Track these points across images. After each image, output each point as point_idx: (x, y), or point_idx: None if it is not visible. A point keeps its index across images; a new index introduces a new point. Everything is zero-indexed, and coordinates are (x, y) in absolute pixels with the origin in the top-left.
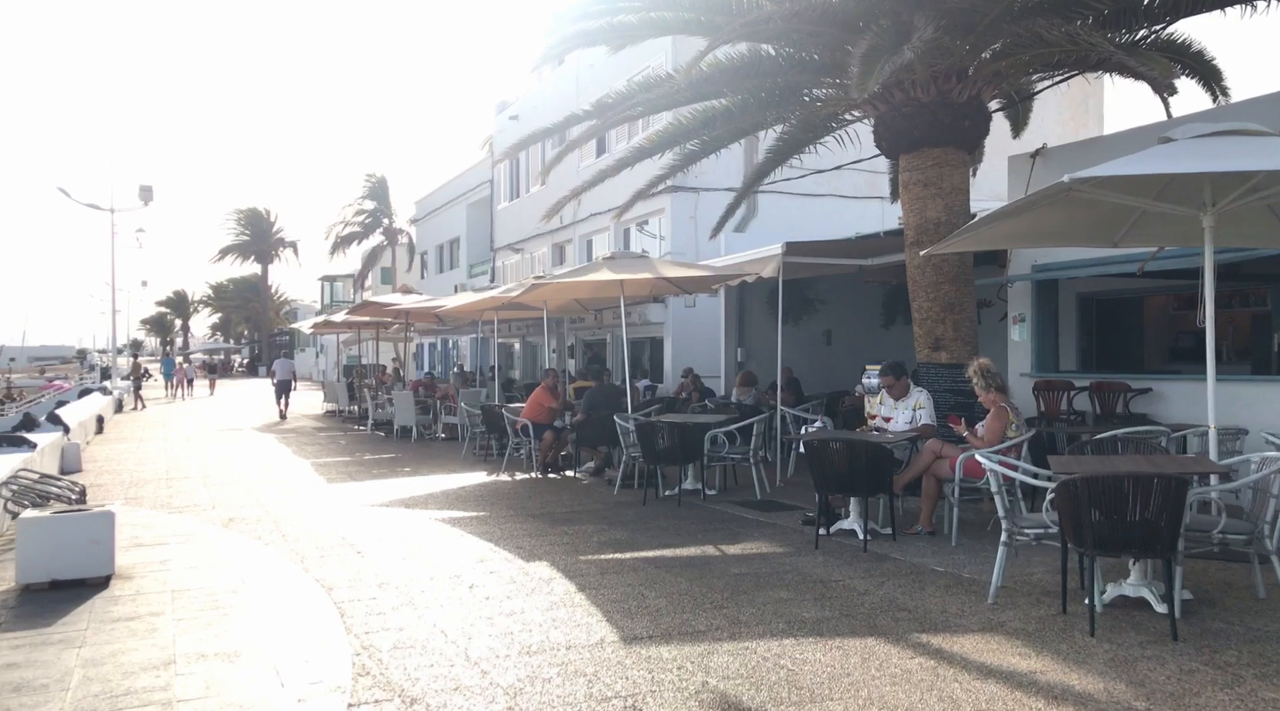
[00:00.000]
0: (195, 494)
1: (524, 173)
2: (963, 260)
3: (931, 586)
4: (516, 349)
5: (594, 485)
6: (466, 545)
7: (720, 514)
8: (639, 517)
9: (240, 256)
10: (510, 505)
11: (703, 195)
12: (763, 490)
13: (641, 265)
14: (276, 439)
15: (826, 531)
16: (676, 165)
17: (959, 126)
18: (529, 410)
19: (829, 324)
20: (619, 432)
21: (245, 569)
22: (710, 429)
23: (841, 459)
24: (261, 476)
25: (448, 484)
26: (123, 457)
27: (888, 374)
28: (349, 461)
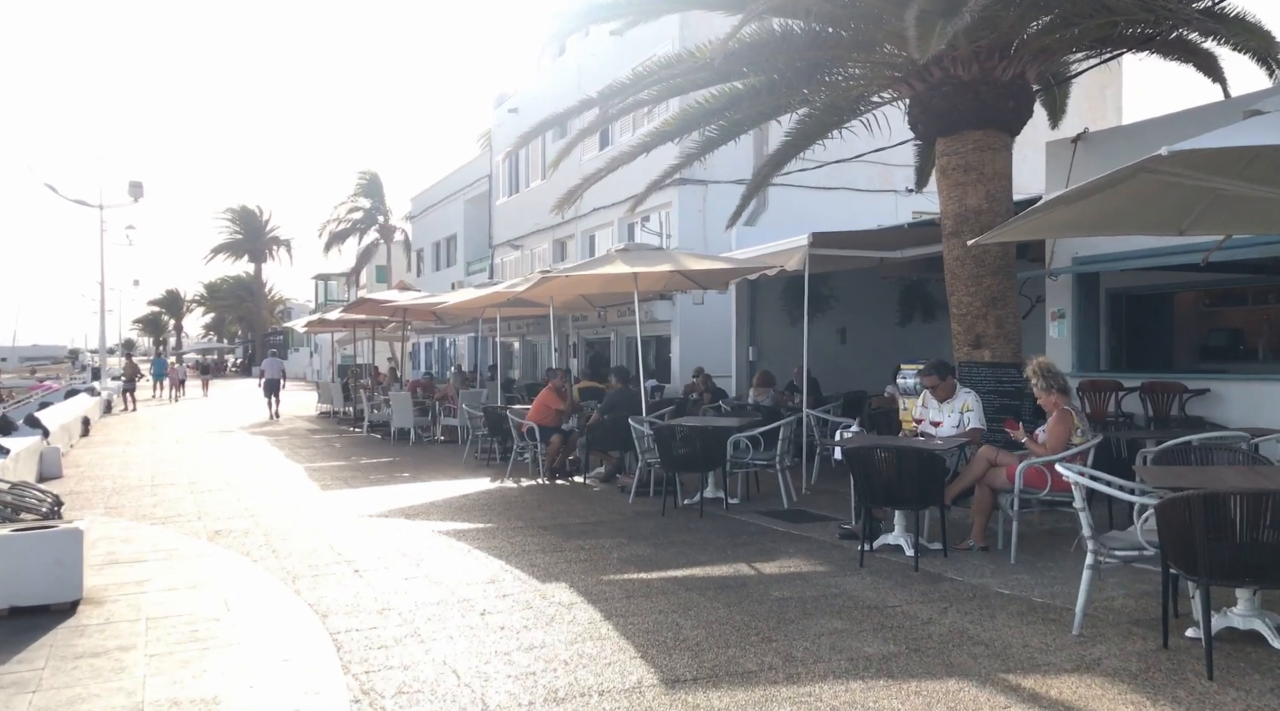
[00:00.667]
0: (181, 502)
1: (523, 167)
2: (1005, 251)
3: (1002, 613)
4: (516, 348)
5: (606, 493)
6: (474, 562)
7: (747, 526)
8: (659, 530)
9: (233, 255)
10: (519, 515)
11: (711, 188)
12: (789, 499)
13: (658, 257)
14: (269, 441)
15: (869, 547)
16: (693, 153)
17: (1002, 107)
18: (535, 412)
19: (843, 321)
20: (634, 438)
21: (230, 591)
22: (733, 433)
23: (889, 468)
24: (252, 482)
25: (450, 491)
26: (106, 462)
27: (931, 373)
28: (344, 466)
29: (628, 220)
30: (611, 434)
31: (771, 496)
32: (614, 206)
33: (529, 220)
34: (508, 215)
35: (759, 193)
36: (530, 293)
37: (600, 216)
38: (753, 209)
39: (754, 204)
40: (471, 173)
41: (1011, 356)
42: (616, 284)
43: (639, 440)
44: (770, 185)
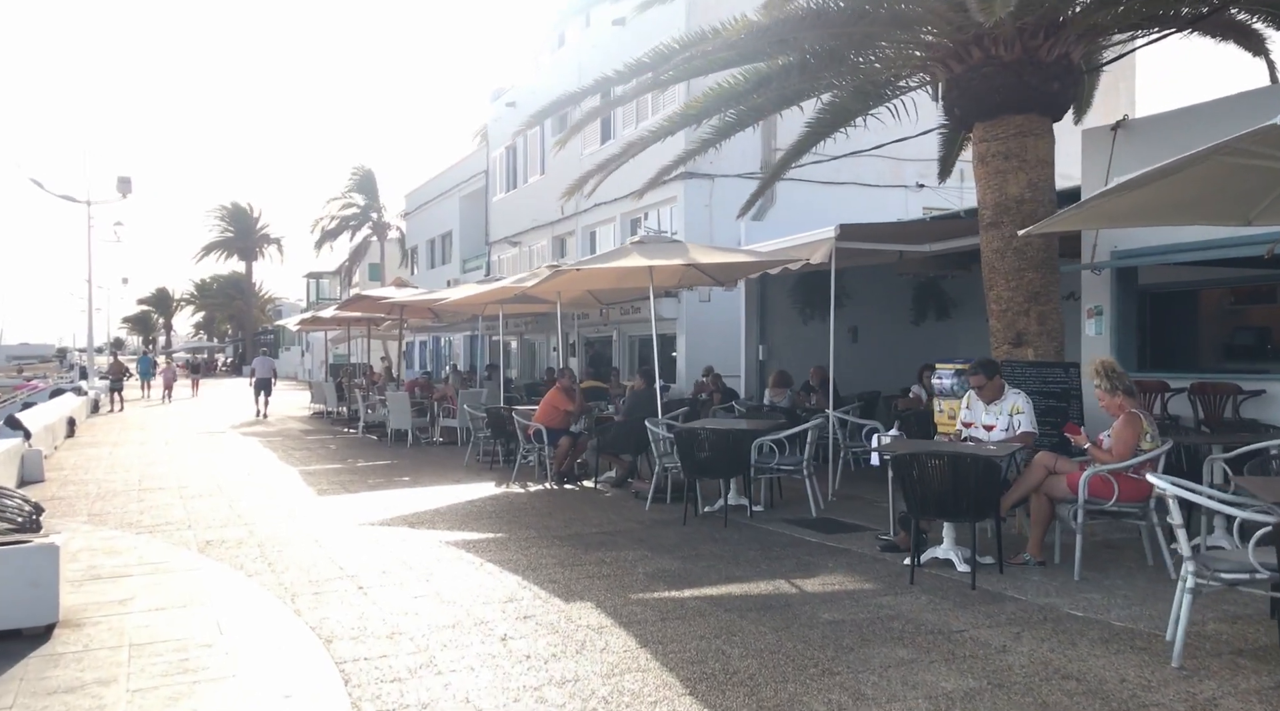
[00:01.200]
0: (169, 509)
1: (521, 163)
2: (1048, 244)
3: (1083, 640)
4: (514, 347)
5: (619, 499)
6: (488, 578)
7: (777, 536)
8: (683, 540)
9: (224, 253)
10: (530, 524)
11: (718, 182)
12: (817, 507)
13: (675, 250)
14: (261, 443)
15: (916, 561)
16: (710, 138)
17: (1046, 89)
18: (542, 414)
19: (855, 319)
20: (651, 441)
21: (224, 611)
22: (758, 437)
23: (942, 476)
24: (244, 487)
25: (453, 496)
26: (92, 465)
27: (978, 372)
28: (341, 469)
29: (631, 215)
30: (626, 437)
31: (797, 503)
32: (616, 201)
33: (527, 216)
34: (505, 211)
35: (772, 184)
36: (540, 287)
37: (602, 212)
38: (760, 204)
39: (762, 198)
40: (468, 168)
41: (1054, 355)
42: (629, 278)
43: (656, 444)
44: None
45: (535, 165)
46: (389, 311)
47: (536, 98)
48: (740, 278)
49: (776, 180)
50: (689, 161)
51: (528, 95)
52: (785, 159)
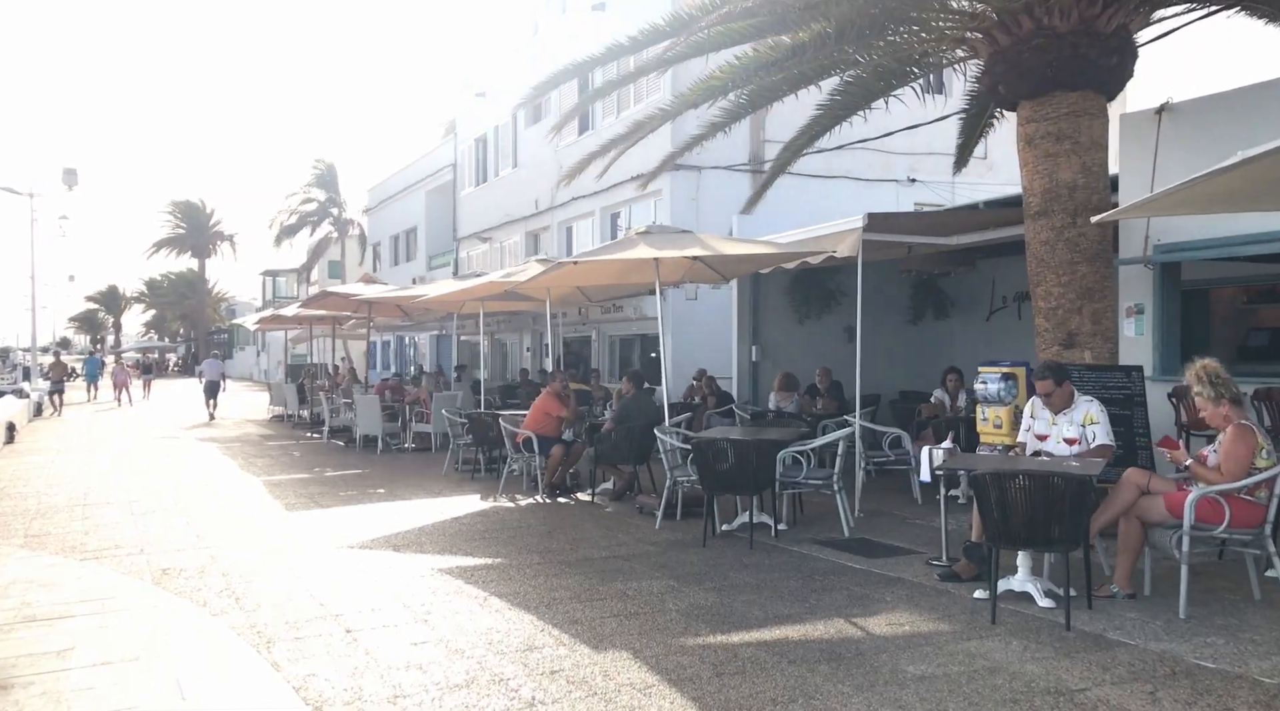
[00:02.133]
0: (118, 528)
1: (492, 155)
2: (1103, 235)
3: (1238, 703)
4: (484, 347)
5: (622, 514)
6: (497, 617)
7: (812, 561)
8: (708, 566)
9: (176, 250)
10: (530, 546)
11: (705, 174)
12: (849, 526)
13: (685, 241)
14: (219, 450)
15: (989, 595)
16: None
17: (1104, 64)
18: (532, 420)
19: (850, 319)
20: (664, 452)
21: (186, 664)
22: (784, 448)
23: (1030, 500)
24: (204, 501)
25: (437, 512)
26: (31, 475)
27: (1047, 377)
28: (308, 479)
29: (611, 209)
30: (625, 446)
31: (821, 521)
32: (595, 195)
33: (499, 211)
34: (475, 206)
35: (781, 172)
36: (537, 282)
37: (580, 206)
38: (749, 197)
39: (749, 191)
40: (434, 162)
41: (1109, 357)
42: (631, 273)
43: (668, 455)
44: (764, 172)
45: (507, 158)
46: (356, 309)
47: (508, 89)
48: (753, 271)
49: (785, 169)
50: (708, 138)
51: (498, 87)
52: (796, 145)
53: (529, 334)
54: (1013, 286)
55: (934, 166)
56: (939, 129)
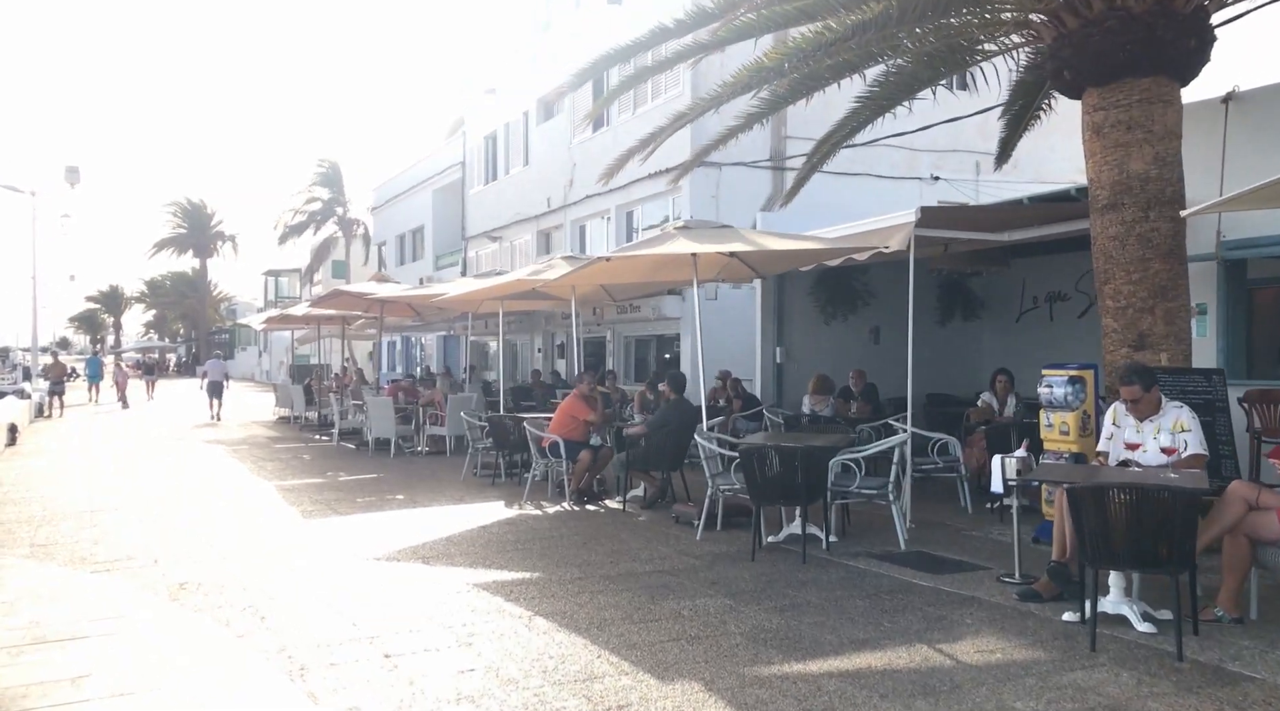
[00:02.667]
0: (128, 536)
1: (502, 153)
2: (1176, 230)
3: None
4: (493, 348)
5: (657, 524)
6: (546, 641)
7: (874, 577)
8: (762, 583)
9: (177, 250)
10: (566, 558)
11: (725, 171)
12: (904, 538)
13: (727, 236)
14: (228, 452)
15: (1082, 617)
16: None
17: (1181, 46)
18: (559, 424)
19: (877, 319)
20: (705, 459)
21: (213, 695)
22: (836, 455)
23: (1132, 516)
24: (216, 508)
25: (462, 520)
26: (35, 480)
27: (1134, 381)
28: (323, 484)
29: (626, 208)
30: (659, 452)
31: (871, 532)
32: (610, 193)
33: (509, 209)
34: (483, 205)
35: (819, 166)
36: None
37: (594, 204)
38: (770, 195)
39: (770, 189)
40: (442, 160)
41: (1183, 360)
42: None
43: (709, 462)
44: (786, 169)
45: (518, 155)
46: (367, 309)
47: (519, 85)
48: (794, 268)
49: (824, 163)
50: (745, 129)
51: (508, 82)
52: (837, 137)
53: (540, 334)
54: (1044, 287)
55: (957, 164)
56: (961, 126)
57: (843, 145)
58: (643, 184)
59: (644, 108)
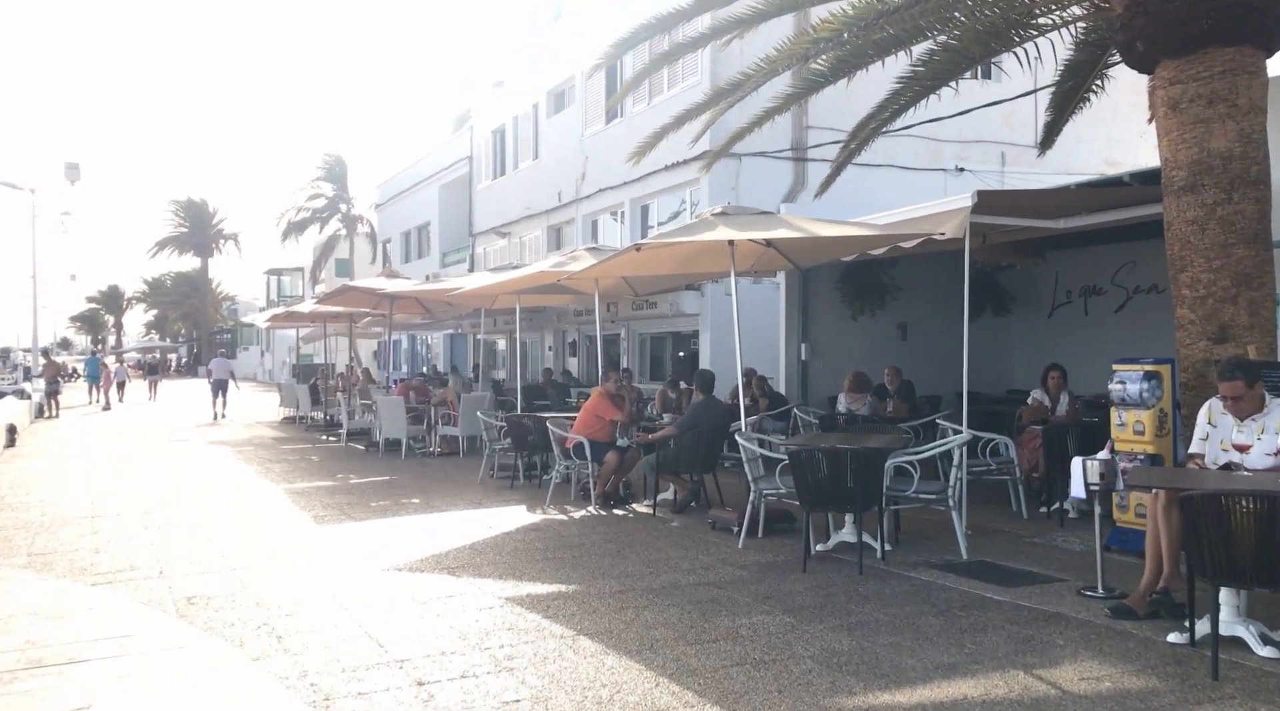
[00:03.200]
0: (132, 545)
1: (511, 147)
2: (1262, 213)
3: None
4: (502, 346)
5: (692, 529)
6: (595, 665)
7: (942, 591)
8: (821, 597)
9: (178, 249)
10: (602, 568)
11: (745, 162)
12: (966, 547)
13: (770, 223)
14: (233, 454)
15: (1190, 641)
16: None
17: (1271, 13)
18: (583, 424)
19: (905, 315)
20: (747, 462)
21: None
22: (891, 457)
23: (1267, 527)
24: (224, 512)
25: (483, 525)
26: (34, 483)
27: (1236, 376)
28: (333, 487)
29: (642, 201)
30: (691, 454)
31: (925, 540)
32: (624, 186)
33: (518, 205)
34: (492, 200)
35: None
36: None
37: (606, 198)
38: (791, 186)
39: (791, 180)
40: (448, 155)
41: (1269, 353)
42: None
43: (751, 465)
44: (807, 159)
45: (527, 149)
46: (376, 305)
47: (527, 76)
48: (837, 257)
49: (863, 148)
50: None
51: (517, 74)
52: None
53: (551, 332)
54: (1078, 281)
55: (982, 155)
56: (987, 116)
57: (881, 131)
58: (659, 176)
59: (659, 98)
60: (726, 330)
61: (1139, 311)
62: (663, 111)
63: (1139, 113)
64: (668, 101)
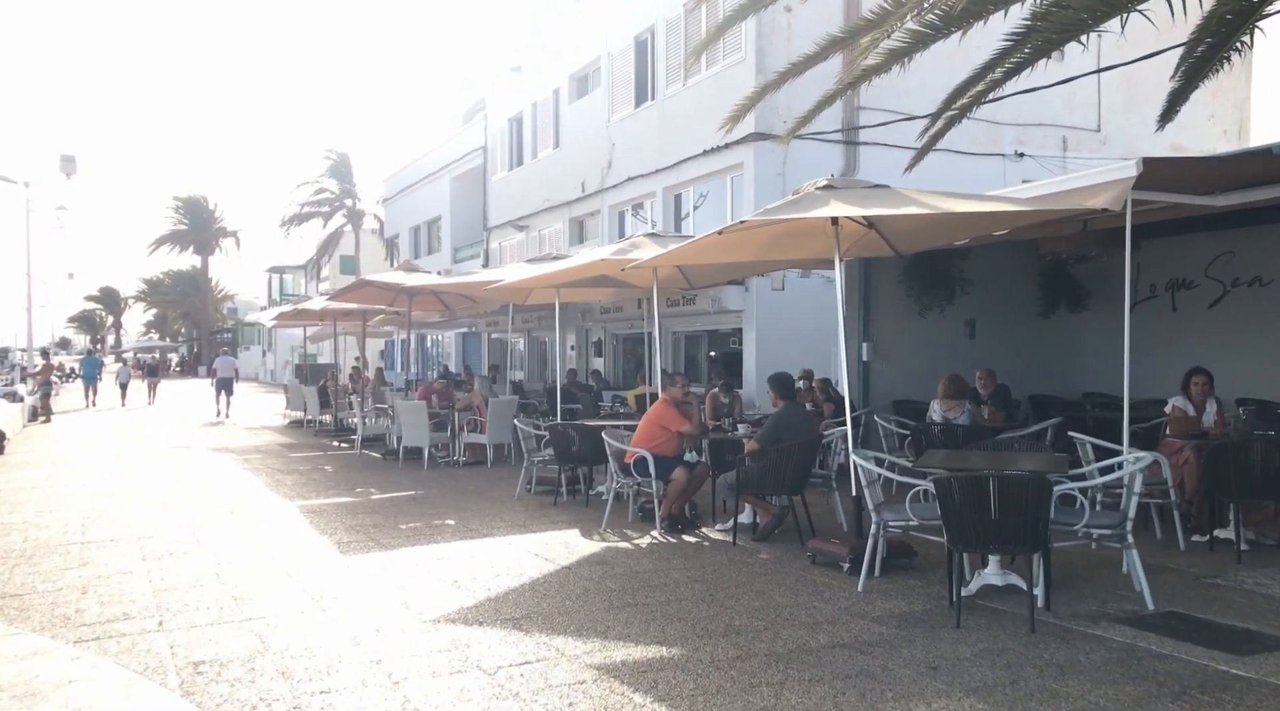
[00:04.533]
0: (127, 583)
1: (529, 136)
2: None
3: None
4: (519, 346)
5: (785, 562)
6: None
7: (1154, 658)
8: (1000, 666)
9: (178, 247)
10: (702, 621)
11: (793, 144)
12: (1147, 593)
13: (887, 197)
14: (239, 463)
15: None
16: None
17: None
18: (645, 435)
19: (973, 311)
20: (865, 485)
21: None
22: (1055, 484)
23: None
24: (232, 538)
25: (537, 554)
26: (20, 498)
27: None
28: (354, 504)
29: (675, 190)
30: (778, 472)
31: (1084, 581)
32: (656, 174)
33: (537, 196)
34: (508, 192)
35: (944, 129)
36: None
37: (635, 188)
38: (840, 171)
39: (841, 166)
40: (460, 146)
41: None
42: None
43: (870, 489)
44: (859, 143)
45: (547, 137)
46: (391, 302)
47: (546, 59)
48: (949, 243)
49: (954, 124)
50: (911, 55)
51: (534, 58)
52: (976, 92)
53: (573, 330)
54: (1164, 273)
55: (1043, 139)
56: (1046, 98)
57: (984, 99)
58: (695, 163)
59: (696, 78)
60: (773, 328)
61: (1238, 306)
62: (700, 92)
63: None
64: (705, 81)
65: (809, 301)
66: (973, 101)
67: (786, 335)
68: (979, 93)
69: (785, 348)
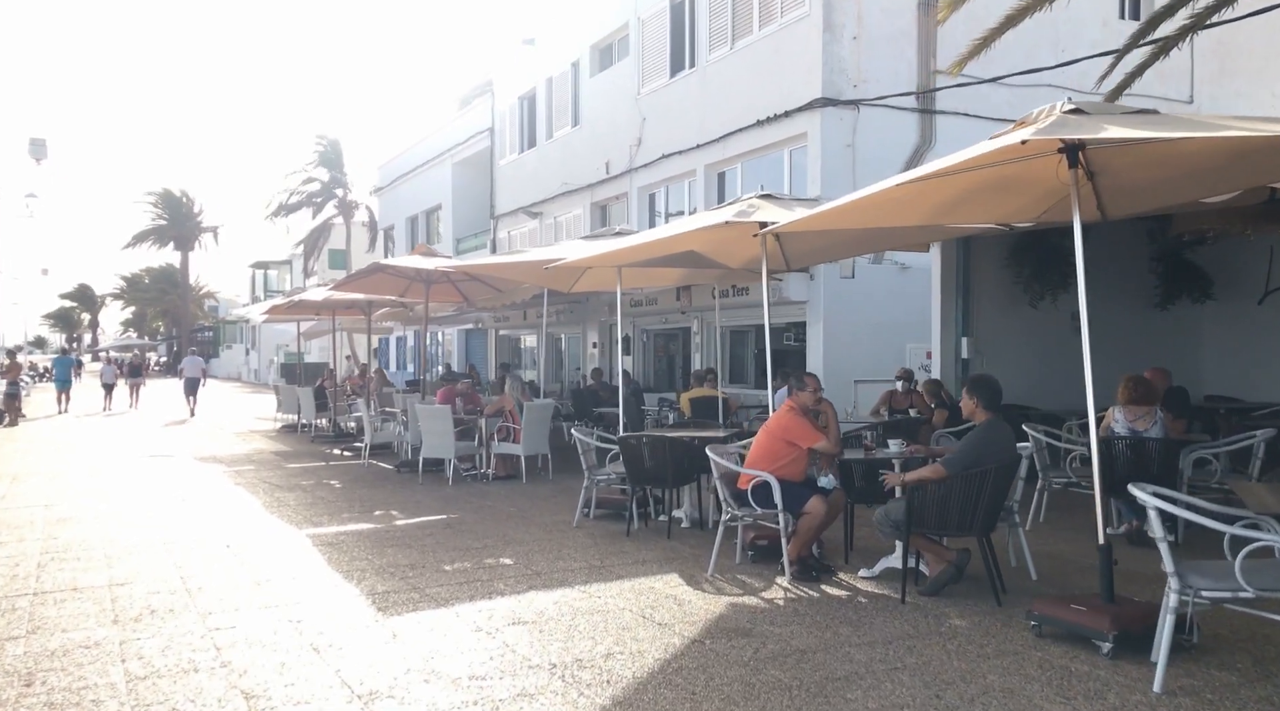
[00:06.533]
0: (90, 666)
1: (543, 114)
2: None
3: None
4: (529, 344)
5: (992, 631)
6: None
7: None
8: None
9: (157, 242)
10: None
11: (864, 111)
12: None
13: (1151, 121)
14: (230, 477)
15: None
16: None
17: None
18: (766, 453)
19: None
20: (1156, 522)
21: None
22: None
23: None
24: (232, 585)
25: (643, 618)
26: None
27: None
28: (379, 533)
29: (718, 167)
30: (963, 506)
31: None
32: (694, 151)
33: (553, 179)
34: (519, 176)
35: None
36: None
37: (669, 166)
38: (917, 145)
39: (918, 139)
40: (464, 128)
41: None
42: (984, 201)
43: (1165, 529)
44: (935, 112)
45: (564, 115)
46: (405, 291)
47: (567, 30)
48: (1207, 197)
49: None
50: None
51: (549, 30)
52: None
53: (594, 327)
54: None
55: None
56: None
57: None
58: (746, 135)
59: (747, 39)
60: (841, 320)
61: None
62: (751, 54)
63: None
64: (757, 42)
65: (881, 290)
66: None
67: (853, 327)
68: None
69: (854, 343)
